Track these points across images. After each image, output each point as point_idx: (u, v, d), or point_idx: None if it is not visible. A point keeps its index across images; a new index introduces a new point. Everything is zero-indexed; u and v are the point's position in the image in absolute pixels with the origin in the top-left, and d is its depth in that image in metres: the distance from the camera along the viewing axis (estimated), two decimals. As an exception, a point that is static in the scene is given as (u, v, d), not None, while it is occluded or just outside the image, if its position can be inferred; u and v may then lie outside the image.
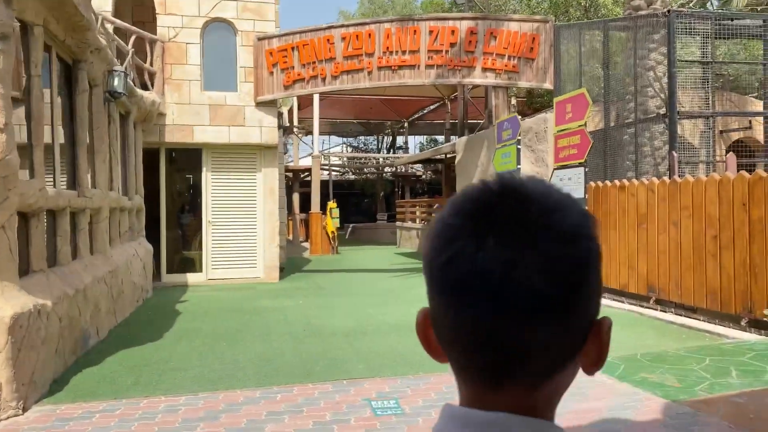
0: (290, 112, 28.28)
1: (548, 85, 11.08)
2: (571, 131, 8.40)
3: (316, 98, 19.87)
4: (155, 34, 11.55)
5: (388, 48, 11.42)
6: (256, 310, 8.62)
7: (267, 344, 6.18)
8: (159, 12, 11.64)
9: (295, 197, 26.35)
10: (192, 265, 12.38)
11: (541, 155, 10.10)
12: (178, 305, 9.19)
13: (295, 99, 26.95)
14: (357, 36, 11.48)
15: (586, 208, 8.15)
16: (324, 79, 11.51)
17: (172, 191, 12.89)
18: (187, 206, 12.86)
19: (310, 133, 26.97)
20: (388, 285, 11.51)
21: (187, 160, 12.94)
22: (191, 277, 12.11)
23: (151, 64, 11.48)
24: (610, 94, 9.75)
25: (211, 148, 12.08)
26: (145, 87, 10.89)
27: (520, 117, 10.15)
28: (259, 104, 12.01)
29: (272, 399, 4.39)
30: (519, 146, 10.05)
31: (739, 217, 6.08)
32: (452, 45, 11.27)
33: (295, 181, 26.38)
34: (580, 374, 0.65)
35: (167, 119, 11.65)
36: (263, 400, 4.38)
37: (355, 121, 33.40)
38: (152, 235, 12.13)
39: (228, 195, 12.24)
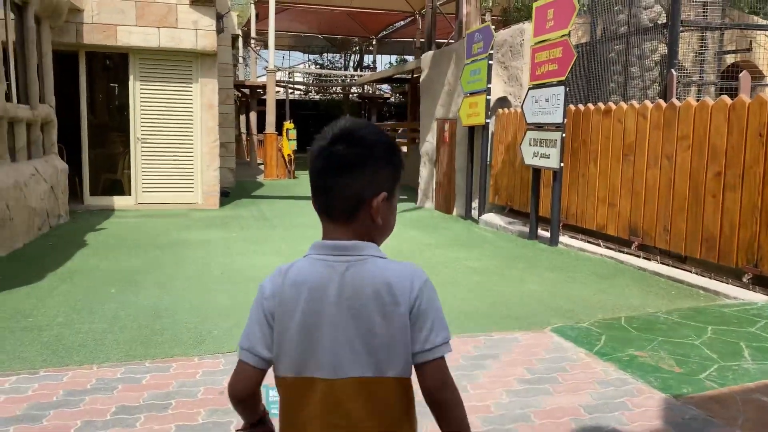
0: (248, 23, 26.12)
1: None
2: (551, 42, 7.10)
3: (272, 5, 17.90)
4: None
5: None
6: (175, 243, 7.38)
7: (164, 293, 4.98)
8: None
9: (252, 116, 24.64)
10: (119, 187, 10.96)
11: (514, 73, 8.81)
12: (89, 235, 7.89)
13: (252, 8, 24.75)
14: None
15: (563, 135, 6.98)
16: (270, -24, 9.84)
17: (95, 103, 11.28)
18: (113, 120, 11.30)
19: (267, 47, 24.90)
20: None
21: (112, 68, 11.27)
22: (119, 201, 10.74)
23: (62, -52, 9.61)
24: (597, 4, 8.42)
25: (139, 53, 10.43)
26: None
27: (493, 28, 8.76)
28: (195, 3, 10.31)
29: (136, 383, 3.23)
30: (491, 62, 8.73)
31: (752, 150, 4.97)
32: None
33: (253, 99, 24.59)
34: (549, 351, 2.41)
35: (85, 16, 9.91)
36: (121, 384, 3.21)
37: (320, 36, 31.20)
38: (73, 153, 10.66)
39: (160, 109, 10.71)
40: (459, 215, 10.07)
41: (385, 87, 32.91)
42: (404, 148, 17.45)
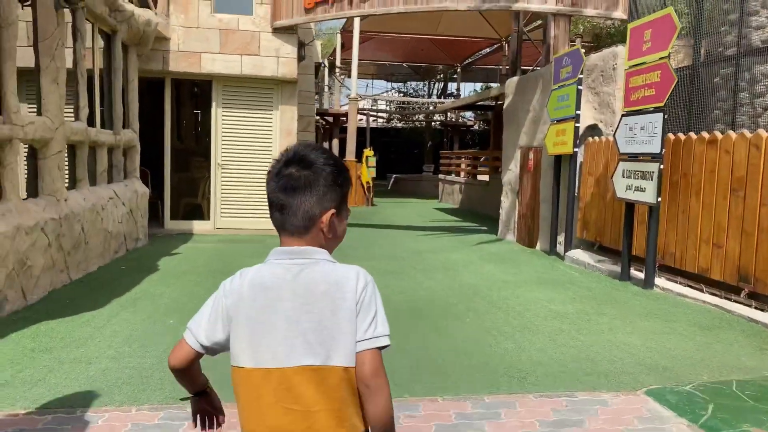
0: (333, 52, 26.53)
1: (620, 14, 9.01)
2: (648, 66, 6.48)
3: (356, 35, 18.02)
4: (159, -56, 9.98)
5: (427, -35, 9.52)
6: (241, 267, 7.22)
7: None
8: None
9: (335, 143, 24.87)
10: (199, 211, 11.10)
11: (606, 99, 8.18)
12: (163, 260, 7.91)
13: (338, 37, 25.13)
14: (391, -50, 9.60)
15: (661, 166, 6.31)
16: (351, 2, 9.75)
17: (179, 128, 11.55)
18: (196, 146, 11.52)
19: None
20: (416, 245, 9.96)
21: (196, 94, 11.54)
22: (197, 225, 10.86)
23: (154, -20, 9.95)
24: (701, 24, 7.69)
25: (222, 80, 10.59)
26: (146, 6, 9.40)
27: (583, 51, 8.21)
28: (277, 30, 10.38)
29: (172, 430, 2.94)
30: (580, 87, 8.17)
31: None
32: (505, -38, 9.28)
33: (336, 127, 24.87)
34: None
35: (171, 44, 10.18)
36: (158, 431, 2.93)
37: (404, 64, 31.29)
38: (157, 177, 10.91)
39: (240, 135, 10.79)
40: (543, 250, 9.44)
41: (469, 114, 32.54)
42: (485, 177, 16.91)
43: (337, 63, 25.17)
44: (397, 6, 9.62)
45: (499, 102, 15.62)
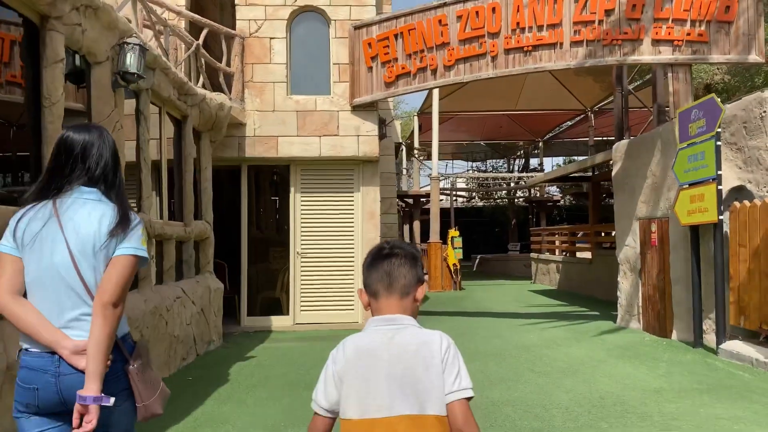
0: (411, 135, 26.10)
1: (757, 57, 7.69)
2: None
3: (435, 114, 17.37)
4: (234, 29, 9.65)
5: (518, 24, 8.63)
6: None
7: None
8: (238, 2, 9.74)
9: (416, 225, 23.90)
10: (277, 306, 10.15)
11: (753, 154, 6.74)
12: (235, 366, 6.87)
13: (416, 121, 24.69)
14: (477, 12, 8.81)
15: None
16: (435, 71, 8.94)
17: (257, 217, 10.86)
18: (274, 235, 10.75)
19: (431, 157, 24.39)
20: (523, 338, 8.52)
21: (274, 180, 10.89)
22: (276, 321, 9.88)
23: (228, 65, 9.56)
24: None
25: (300, 163, 9.88)
26: (220, 91, 8.94)
27: (719, 100, 6.88)
28: (356, 108, 9.67)
29: None
30: (718, 142, 6.79)
31: None
32: (608, 12, 8.27)
33: (416, 209, 23.97)
34: None
35: (247, 130, 9.63)
36: None
37: (482, 142, 30.50)
38: (235, 269, 10.14)
39: (320, 220, 9.94)
40: (682, 340, 7.78)
41: (554, 189, 31.02)
42: (587, 254, 15.28)
43: (416, 144, 24.63)
44: (486, 71, 8.70)
45: (597, 172, 14.23)
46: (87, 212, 2.09)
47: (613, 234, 14.96)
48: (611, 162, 10.19)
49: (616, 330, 9.09)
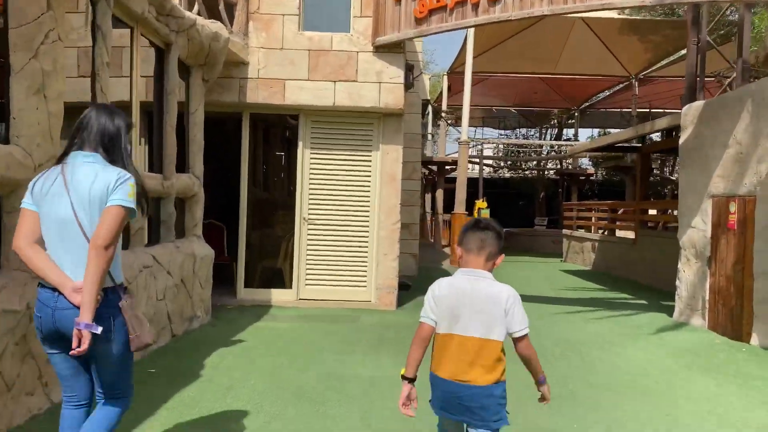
0: (439, 97, 24.39)
1: None
2: None
3: (468, 65, 15.73)
4: (238, -50, 8.13)
5: (583, -51, 6.99)
6: (323, 383, 4.74)
7: None
8: None
9: (439, 194, 22.43)
10: (279, 278, 8.84)
11: None
12: (217, 353, 5.59)
13: (445, 81, 22.97)
14: (532, -66, 7.17)
15: None
16: (476, 6, 7.37)
17: (262, 175, 9.49)
18: (278, 196, 9.39)
19: (458, 121, 22.61)
20: (565, 331, 7.12)
21: (280, 131, 9.49)
22: (277, 295, 8.57)
23: (230, -8, 8.07)
24: None
25: (310, 113, 8.44)
26: (219, 20, 7.47)
27: None
28: (379, 49, 8.16)
29: None
30: None
31: None
32: (698, -64, 6.59)
33: (441, 176, 22.47)
34: None
35: (250, 70, 8.18)
36: None
37: (514, 109, 28.62)
38: (231, 234, 8.84)
39: (332, 182, 8.53)
40: (766, 347, 6.32)
41: (586, 161, 29.17)
42: (630, 234, 13.73)
43: (443, 107, 22.97)
44: (540, 7, 7.11)
45: (649, 142, 12.58)
46: (85, 172, 2.51)
47: (661, 213, 13.44)
48: (674, 129, 8.60)
49: (675, 327, 7.63)
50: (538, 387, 2.59)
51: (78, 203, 2.47)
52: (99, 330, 2.37)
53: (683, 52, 17.91)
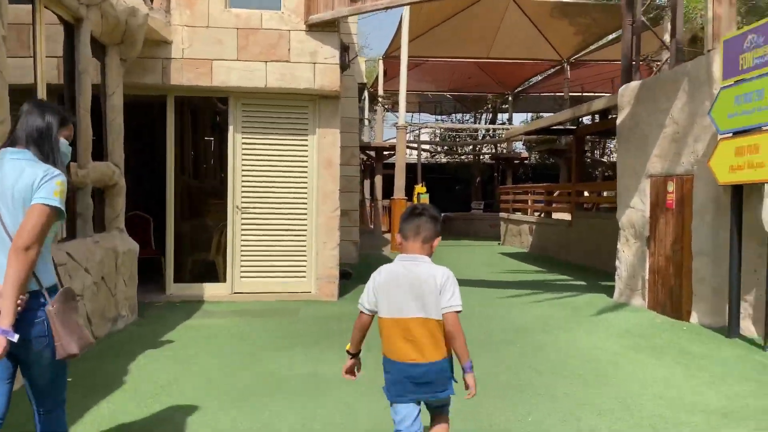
0: (374, 83, 24.05)
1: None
2: None
3: (404, 48, 15.48)
4: None
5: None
6: (262, 387, 4.38)
7: None
8: None
9: (378, 180, 22.16)
10: (212, 271, 8.35)
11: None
12: (142, 356, 5.12)
13: (380, 65, 22.64)
14: None
15: None
16: (413, -17, 7.08)
17: (186, 162, 8.92)
18: (209, 183, 8.88)
19: (395, 106, 22.30)
20: (509, 318, 7.00)
21: (206, 115, 8.95)
22: (210, 290, 8.09)
23: (149, -36, 7.44)
24: None
25: (241, 95, 7.96)
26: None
27: (786, 22, 5.29)
28: (313, 27, 7.75)
29: None
30: (784, 77, 5.22)
31: None
32: None
33: (379, 162, 22.21)
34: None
35: (174, 50, 7.62)
36: None
37: (448, 94, 28.63)
38: (159, 226, 8.28)
39: (266, 168, 8.09)
40: (705, 325, 6.38)
41: (520, 145, 29.55)
42: (566, 216, 13.88)
43: (380, 92, 22.66)
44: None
45: (582, 125, 12.69)
46: (10, 168, 2.41)
47: (596, 195, 13.65)
48: (611, 109, 8.61)
49: (616, 308, 7.65)
50: (463, 375, 2.57)
51: (2, 201, 2.38)
52: (15, 338, 2.25)
53: (612, 36, 18.36)
